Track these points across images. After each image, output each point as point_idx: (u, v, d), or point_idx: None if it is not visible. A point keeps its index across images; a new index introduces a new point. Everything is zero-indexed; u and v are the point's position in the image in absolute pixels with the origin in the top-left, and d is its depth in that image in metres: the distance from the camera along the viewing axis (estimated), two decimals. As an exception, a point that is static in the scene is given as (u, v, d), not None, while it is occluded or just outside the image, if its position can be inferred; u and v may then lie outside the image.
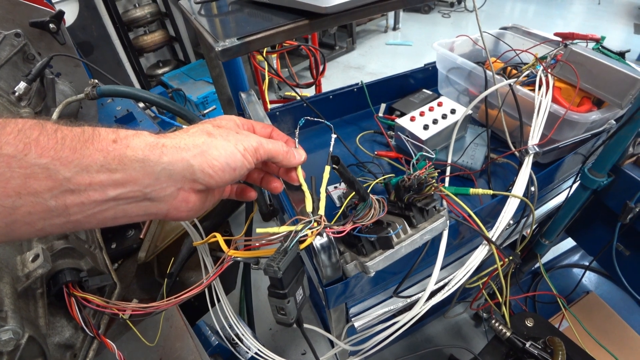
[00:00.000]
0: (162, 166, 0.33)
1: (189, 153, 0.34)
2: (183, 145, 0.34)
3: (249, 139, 0.39)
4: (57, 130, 0.29)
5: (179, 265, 0.92)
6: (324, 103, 1.12)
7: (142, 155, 0.32)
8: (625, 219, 0.81)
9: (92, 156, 0.30)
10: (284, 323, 0.47)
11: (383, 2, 0.46)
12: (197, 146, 0.35)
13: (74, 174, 0.29)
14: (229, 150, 0.37)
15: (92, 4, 2.59)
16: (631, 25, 4.00)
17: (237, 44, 0.42)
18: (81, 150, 0.29)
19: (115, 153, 0.31)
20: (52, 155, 0.28)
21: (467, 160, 0.90)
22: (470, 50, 1.15)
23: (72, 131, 0.30)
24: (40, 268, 0.49)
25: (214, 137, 0.37)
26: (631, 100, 0.76)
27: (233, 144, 0.37)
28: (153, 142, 0.33)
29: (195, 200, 0.38)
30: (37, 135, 0.28)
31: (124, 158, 0.31)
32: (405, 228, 0.54)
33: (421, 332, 1.56)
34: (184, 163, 0.34)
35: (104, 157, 0.30)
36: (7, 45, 0.88)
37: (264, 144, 0.40)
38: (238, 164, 0.37)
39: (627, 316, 1.22)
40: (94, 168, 0.30)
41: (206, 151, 0.35)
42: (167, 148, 0.33)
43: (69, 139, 0.29)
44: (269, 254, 0.47)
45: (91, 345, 0.60)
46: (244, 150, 0.38)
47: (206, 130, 0.37)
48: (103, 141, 0.31)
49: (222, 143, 0.36)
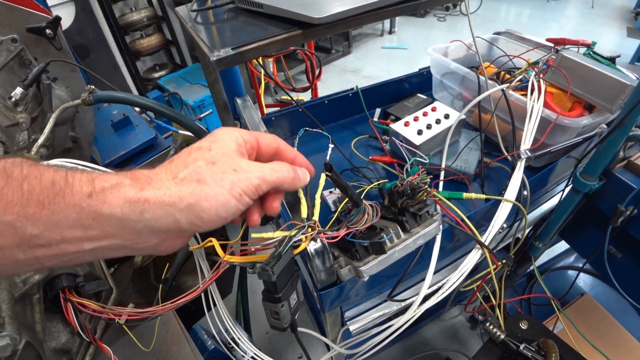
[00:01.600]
0: (144, 223, 0.30)
1: (175, 208, 0.31)
2: (168, 199, 0.31)
3: (248, 177, 0.34)
4: (24, 181, 0.26)
5: (175, 270, 0.92)
6: (320, 108, 1.13)
7: (120, 213, 0.29)
8: (617, 221, 0.83)
9: (64, 212, 0.27)
10: (278, 327, 0.47)
11: (375, 11, 0.47)
12: (184, 199, 0.31)
13: (42, 231, 0.27)
14: (221, 199, 0.32)
15: (89, 8, 2.60)
16: (624, 28, 4.04)
17: (232, 53, 0.43)
18: (50, 205, 0.27)
19: (90, 209, 0.28)
20: (17, 212, 0.25)
21: (461, 165, 0.91)
22: (464, 55, 1.17)
23: (41, 182, 0.27)
24: (37, 274, 0.50)
25: (204, 184, 0.32)
26: (621, 105, 0.77)
27: (228, 190, 0.33)
28: (134, 197, 0.30)
29: (181, 242, 0.36)
30: (1, 187, 0.25)
31: (100, 216, 0.28)
32: (398, 233, 0.54)
33: (417, 335, 1.57)
34: (169, 218, 0.31)
35: (77, 214, 0.28)
36: (3, 50, 0.88)
37: (266, 177, 0.36)
38: (230, 212, 0.34)
39: (621, 317, 1.22)
40: (65, 224, 0.27)
41: (194, 204, 0.31)
42: (150, 204, 0.30)
43: (36, 193, 0.26)
44: (264, 259, 0.47)
45: (87, 350, 0.60)
46: (241, 195, 0.34)
47: (197, 173, 0.33)
48: (76, 195, 0.28)
49: (214, 191, 0.32)
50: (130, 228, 0.30)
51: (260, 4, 0.52)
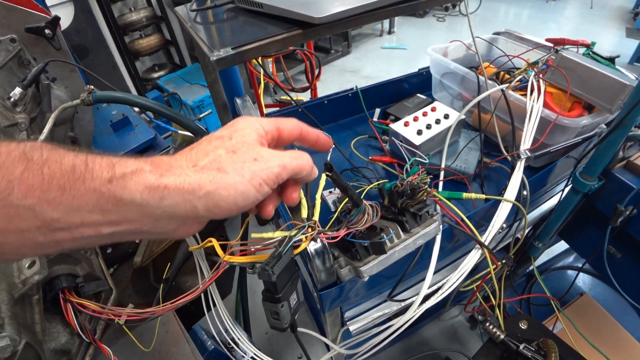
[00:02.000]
0: (162, 209, 0.30)
1: (193, 195, 0.31)
2: (187, 187, 0.31)
3: (269, 165, 0.34)
4: (44, 165, 0.26)
5: (175, 270, 0.92)
6: (319, 108, 1.13)
7: (140, 199, 0.29)
8: (616, 222, 0.83)
9: (84, 197, 0.27)
10: (277, 328, 0.47)
11: (374, 11, 0.47)
12: (203, 187, 0.31)
13: (63, 215, 0.27)
14: (240, 188, 0.32)
15: (88, 8, 2.59)
16: (623, 29, 4.04)
17: (232, 53, 0.43)
18: (71, 190, 0.27)
19: (110, 195, 0.28)
20: (38, 196, 0.25)
21: (461, 165, 0.91)
22: (464, 55, 1.17)
23: (61, 167, 0.27)
24: (37, 274, 0.50)
25: (224, 172, 0.32)
26: (620, 105, 0.77)
27: (248, 179, 0.33)
28: (154, 183, 0.30)
29: (197, 227, 0.36)
30: (22, 171, 0.25)
31: (120, 201, 0.29)
32: (398, 233, 0.54)
33: (417, 335, 1.57)
34: (188, 205, 0.31)
35: (97, 199, 0.28)
36: (2, 50, 0.88)
37: (287, 165, 0.35)
38: (249, 201, 0.33)
39: (620, 317, 1.23)
40: (85, 209, 0.28)
41: (213, 192, 0.31)
42: (170, 190, 0.30)
43: (57, 177, 0.26)
44: (264, 259, 0.47)
45: (87, 351, 0.60)
46: (261, 185, 0.33)
47: (217, 161, 0.33)
48: (96, 180, 0.28)
49: (234, 180, 0.32)
50: (149, 214, 0.30)
51: (260, 3, 0.52)
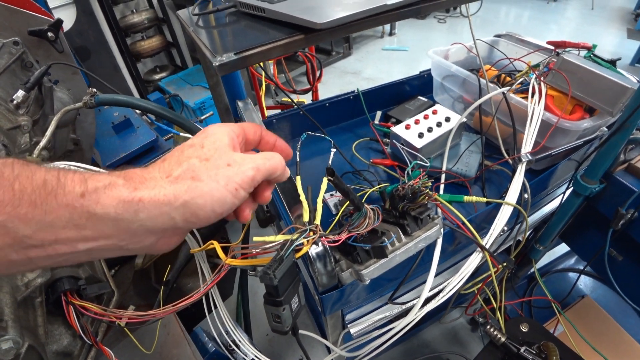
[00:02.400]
0: (139, 223, 0.30)
1: (170, 206, 0.31)
2: (163, 198, 0.30)
3: (243, 170, 0.34)
4: (15, 181, 0.26)
5: (176, 272, 0.93)
6: (321, 110, 1.13)
7: (114, 213, 0.29)
8: (617, 224, 0.83)
9: (56, 212, 0.27)
10: (279, 331, 0.47)
11: (376, 16, 0.47)
12: (179, 197, 0.31)
13: (35, 231, 0.26)
14: (216, 195, 0.32)
15: (90, 10, 2.60)
16: (624, 30, 4.04)
17: (234, 58, 0.43)
18: (42, 205, 0.26)
19: (83, 209, 0.28)
20: (8, 212, 0.25)
21: (462, 168, 0.91)
22: (465, 58, 1.17)
23: (32, 182, 0.26)
24: (40, 277, 0.50)
25: (199, 180, 0.32)
26: (622, 108, 0.77)
27: (223, 185, 0.33)
28: (127, 197, 0.29)
29: (177, 240, 0.35)
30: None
31: (94, 216, 0.28)
32: (399, 236, 0.55)
33: (418, 338, 1.57)
34: (165, 217, 0.31)
35: (70, 214, 0.27)
36: (5, 53, 0.89)
37: (260, 167, 0.35)
38: (226, 207, 0.33)
39: (622, 320, 1.22)
40: (59, 225, 0.27)
41: (189, 201, 0.31)
42: (145, 203, 0.30)
43: (28, 192, 0.26)
44: (265, 262, 0.48)
45: (89, 353, 0.60)
46: (237, 190, 0.33)
47: (191, 170, 0.32)
48: (68, 195, 0.27)
49: (209, 187, 0.32)
50: (125, 228, 0.30)
51: (262, 8, 0.52)
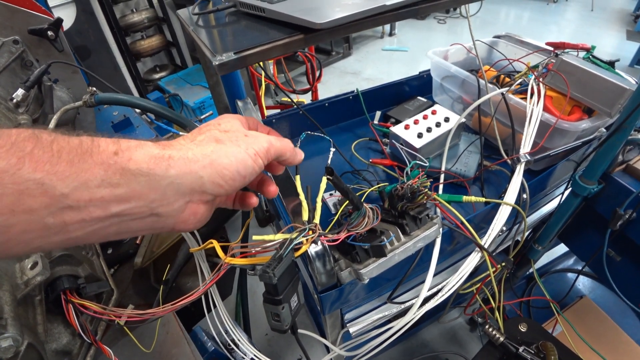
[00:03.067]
0: (169, 180, 0.31)
1: (197, 164, 0.32)
2: (191, 156, 0.32)
3: (259, 141, 0.37)
4: (53, 142, 0.27)
5: (176, 272, 0.93)
6: (320, 110, 1.13)
7: (146, 168, 0.30)
8: (615, 225, 0.83)
9: (92, 170, 0.27)
10: (278, 329, 0.47)
11: (377, 16, 0.47)
12: (206, 156, 0.33)
13: (72, 190, 0.26)
14: (239, 156, 0.34)
15: (90, 9, 2.60)
16: (624, 31, 4.05)
17: (234, 58, 0.43)
18: (79, 163, 0.27)
19: (117, 166, 0.28)
20: (47, 170, 0.25)
21: (461, 168, 0.92)
22: (464, 58, 1.17)
23: (69, 143, 0.27)
24: (39, 275, 0.50)
25: (223, 143, 0.34)
26: (620, 109, 0.78)
27: (244, 149, 0.35)
28: (158, 154, 0.31)
29: (203, 211, 0.36)
30: (32, 147, 0.25)
31: (127, 172, 0.29)
32: (398, 236, 0.55)
33: (417, 337, 1.57)
34: (193, 175, 0.32)
35: (105, 171, 0.28)
36: (5, 52, 0.89)
37: (273, 142, 0.38)
38: (249, 170, 0.35)
39: (620, 320, 1.23)
40: (94, 183, 0.27)
41: (216, 160, 0.33)
42: (174, 160, 0.31)
43: (65, 152, 0.27)
44: (265, 261, 0.48)
45: (88, 352, 0.60)
46: (255, 155, 0.36)
47: (214, 136, 0.35)
48: (103, 153, 0.28)
49: (232, 149, 0.34)
50: (156, 186, 0.30)
51: (262, 8, 0.53)
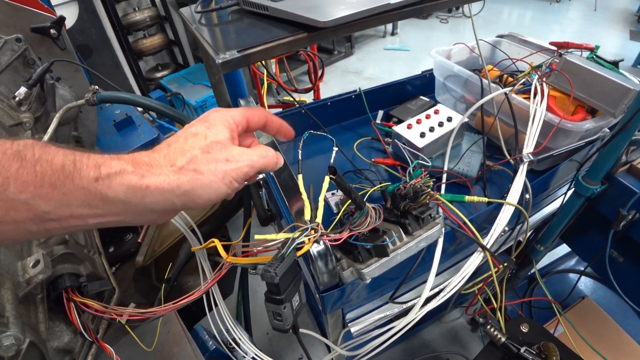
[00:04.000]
0: (144, 206, 0.34)
1: (173, 194, 0.35)
2: (167, 186, 0.34)
3: (239, 166, 0.38)
4: (37, 164, 0.29)
5: (177, 270, 0.93)
6: (322, 109, 1.13)
7: (124, 197, 0.33)
8: (618, 226, 0.83)
9: (73, 194, 0.30)
10: (280, 329, 0.47)
11: (380, 15, 0.47)
12: (182, 186, 0.35)
13: (54, 208, 0.30)
14: (214, 187, 0.37)
15: (92, 7, 2.60)
16: (627, 31, 4.03)
17: (237, 56, 0.43)
18: (61, 187, 0.30)
19: (97, 192, 0.31)
20: (31, 192, 0.28)
21: (463, 168, 0.91)
22: (467, 58, 1.17)
23: (52, 166, 0.30)
24: (41, 274, 0.50)
25: (200, 173, 0.36)
26: (624, 110, 0.77)
27: (220, 178, 0.37)
28: (136, 184, 0.33)
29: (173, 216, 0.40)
30: (17, 168, 0.28)
31: (106, 198, 0.32)
32: (401, 236, 0.55)
33: (418, 337, 1.57)
34: (167, 202, 0.35)
35: (85, 196, 0.31)
36: (7, 50, 0.89)
37: (254, 164, 0.40)
38: (220, 197, 0.38)
39: (622, 321, 1.22)
40: (74, 204, 0.31)
41: (190, 192, 0.35)
42: (151, 190, 0.34)
43: (48, 175, 0.29)
44: (266, 260, 0.48)
45: (90, 350, 0.60)
46: (231, 182, 0.38)
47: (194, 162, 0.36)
48: (84, 179, 0.31)
49: (209, 180, 0.36)
50: (132, 209, 0.34)
51: (266, 6, 0.52)
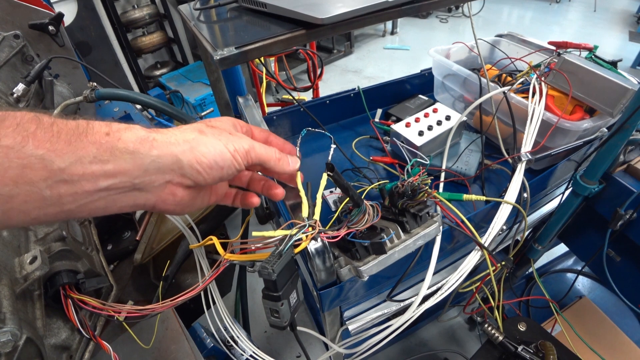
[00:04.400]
0: (151, 159, 0.34)
1: (178, 148, 0.35)
2: (173, 140, 0.35)
3: (240, 141, 0.40)
4: (53, 124, 0.30)
5: (175, 268, 0.93)
6: (321, 108, 1.13)
7: (132, 147, 0.33)
8: (616, 225, 0.83)
9: (86, 148, 0.31)
10: (277, 326, 0.47)
11: (379, 12, 0.47)
12: (187, 142, 0.36)
13: (68, 165, 0.30)
14: (218, 148, 0.37)
15: (91, 5, 2.60)
16: (626, 32, 4.04)
17: (235, 52, 0.43)
18: (75, 142, 0.31)
19: (108, 145, 0.32)
20: (47, 147, 0.29)
21: (462, 166, 0.92)
22: (466, 57, 1.17)
23: (67, 125, 0.31)
24: (38, 270, 0.50)
25: (204, 134, 0.38)
26: (622, 109, 0.77)
27: (223, 143, 0.38)
28: (144, 135, 0.34)
29: (182, 194, 0.39)
30: (35, 128, 0.29)
31: (115, 150, 0.32)
32: (398, 233, 0.55)
33: (415, 336, 1.57)
34: (173, 157, 0.35)
35: (97, 149, 0.32)
36: (6, 46, 0.89)
37: (255, 147, 0.41)
38: (227, 162, 0.38)
39: (619, 320, 1.23)
40: (87, 159, 0.31)
41: (195, 147, 0.36)
42: (158, 142, 0.35)
43: (64, 133, 0.30)
44: (264, 258, 0.48)
45: (87, 347, 0.60)
46: (234, 151, 0.39)
47: (198, 128, 0.39)
48: (96, 134, 0.32)
49: (212, 141, 0.38)
50: (140, 162, 0.34)
51: (264, 3, 0.52)
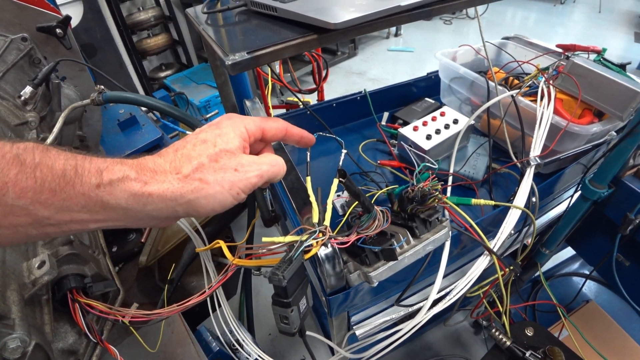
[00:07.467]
0: (146, 213, 0.33)
1: (175, 202, 0.33)
2: (170, 195, 0.33)
3: (248, 176, 0.37)
4: (36, 169, 0.28)
5: (181, 271, 0.93)
6: (327, 111, 1.13)
7: (125, 204, 0.32)
8: (626, 230, 0.82)
9: (73, 199, 0.30)
10: (287, 332, 0.47)
11: (390, 17, 0.47)
12: (185, 195, 0.33)
13: (53, 214, 0.29)
14: (219, 198, 0.35)
15: (97, 7, 2.61)
16: (631, 33, 4.02)
17: (247, 57, 0.43)
18: (61, 193, 0.29)
19: (98, 199, 0.31)
20: (30, 197, 0.28)
21: (469, 170, 0.91)
22: (473, 60, 1.16)
23: (52, 170, 0.29)
24: (47, 275, 0.50)
25: (206, 183, 0.34)
26: (632, 113, 0.77)
27: (227, 189, 0.35)
28: (138, 191, 0.32)
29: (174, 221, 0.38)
30: (15, 173, 0.27)
31: (107, 205, 0.31)
32: (408, 239, 0.54)
33: (421, 340, 1.56)
34: (169, 210, 0.34)
35: (86, 202, 0.30)
36: (13, 49, 0.89)
37: (264, 174, 0.38)
38: (225, 207, 0.36)
39: (626, 325, 1.22)
40: (74, 209, 0.30)
41: (194, 200, 0.34)
42: (153, 197, 0.32)
43: (48, 181, 0.29)
44: (273, 263, 0.47)
45: (94, 351, 0.60)
46: (238, 193, 0.36)
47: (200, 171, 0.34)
48: (85, 185, 0.30)
49: (214, 190, 0.34)
50: (133, 216, 0.33)
51: (274, 7, 0.52)
